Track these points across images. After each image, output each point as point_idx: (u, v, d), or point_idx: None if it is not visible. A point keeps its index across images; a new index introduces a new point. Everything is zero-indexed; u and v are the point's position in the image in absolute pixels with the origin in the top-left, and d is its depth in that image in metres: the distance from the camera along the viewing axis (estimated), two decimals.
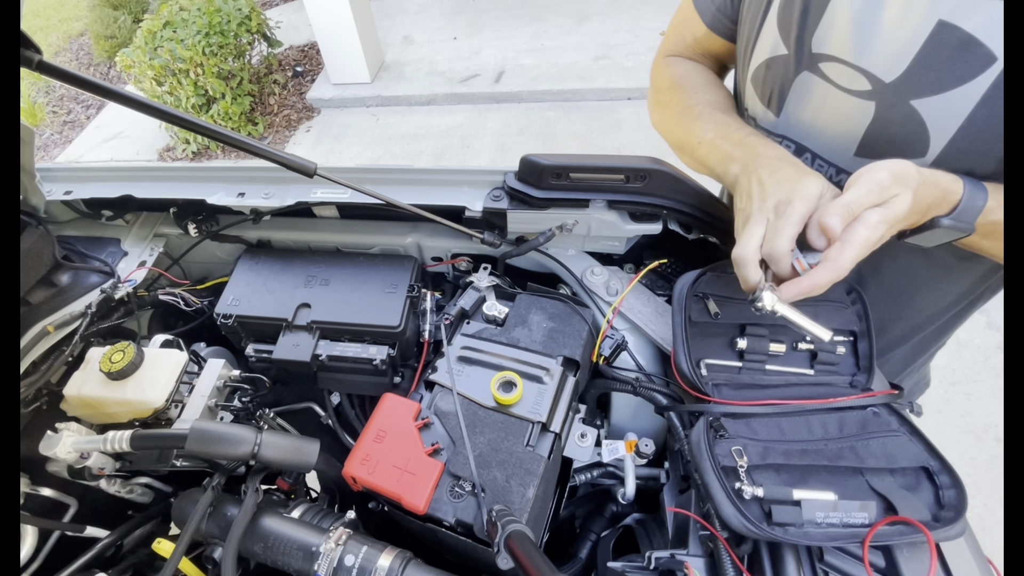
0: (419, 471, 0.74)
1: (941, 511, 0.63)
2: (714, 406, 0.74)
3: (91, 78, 0.59)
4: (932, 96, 0.66)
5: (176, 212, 1.07)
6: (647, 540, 0.86)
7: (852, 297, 0.81)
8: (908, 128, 0.69)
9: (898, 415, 0.73)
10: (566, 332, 0.89)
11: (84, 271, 1.01)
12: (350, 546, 0.70)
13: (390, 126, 4.26)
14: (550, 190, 0.89)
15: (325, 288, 0.97)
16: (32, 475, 0.89)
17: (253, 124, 4.27)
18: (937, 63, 0.64)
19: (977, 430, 2.17)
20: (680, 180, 0.86)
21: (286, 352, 0.91)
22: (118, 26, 5.23)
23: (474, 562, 0.78)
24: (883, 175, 0.58)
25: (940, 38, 0.63)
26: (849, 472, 0.67)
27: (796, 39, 0.75)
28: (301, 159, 0.69)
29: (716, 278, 0.83)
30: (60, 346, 0.94)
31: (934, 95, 0.66)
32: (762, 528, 0.61)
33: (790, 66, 0.77)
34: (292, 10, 5.40)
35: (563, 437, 0.83)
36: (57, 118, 5.02)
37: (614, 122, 3.89)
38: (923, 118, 0.68)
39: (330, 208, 1.08)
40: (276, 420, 0.96)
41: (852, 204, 0.58)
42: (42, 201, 1.02)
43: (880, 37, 0.67)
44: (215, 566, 0.73)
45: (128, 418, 0.86)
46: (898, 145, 0.71)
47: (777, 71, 0.79)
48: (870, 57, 0.69)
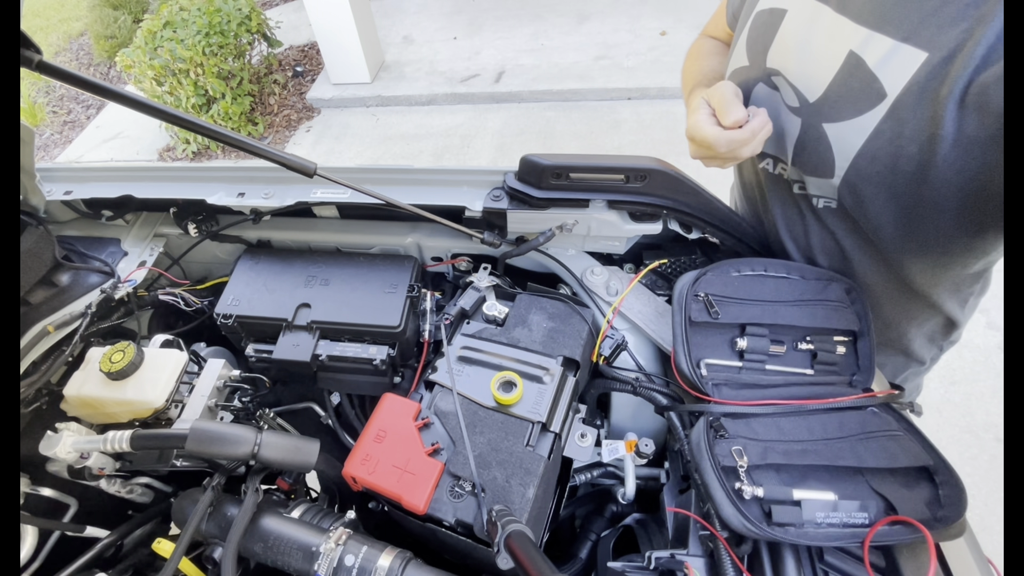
0: (419, 471, 0.74)
1: (941, 511, 0.63)
2: (714, 406, 0.74)
3: (91, 78, 0.59)
4: (836, 123, 0.72)
5: (176, 212, 1.07)
6: (647, 540, 0.86)
7: (852, 297, 0.82)
8: (819, 148, 0.75)
9: (898, 415, 0.73)
10: (566, 332, 0.89)
11: (84, 271, 1.00)
12: (350, 546, 0.70)
13: (390, 126, 4.25)
14: (550, 190, 0.89)
15: (325, 288, 0.97)
16: (32, 475, 0.88)
17: (253, 124, 4.27)
18: (844, 92, 0.70)
19: (977, 430, 2.17)
20: (680, 180, 0.86)
21: (286, 352, 0.91)
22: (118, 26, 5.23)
23: (474, 562, 0.78)
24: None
25: (849, 68, 0.69)
26: (849, 472, 0.67)
27: (756, 53, 0.82)
28: (301, 159, 0.69)
29: (716, 278, 0.83)
30: (60, 346, 0.94)
31: (837, 122, 0.71)
32: (762, 528, 0.61)
33: (750, 76, 0.84)
34: (292, 10, 5.40)
35: (563, 437, 0.82)
36: (57, 118, 5.02)
37: (614, 122, 3.88)
38: (829, 141, 0.73)
39: (330, 208, 1.08)
40: (276, 420, 0.96)
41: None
42: (42, 201, 1.02)
43: (810, 58, 0.73)
44: (215, 566, 0.73)
45: (128, 418, 0.86)
46: (813, 163, 0.77)
47: (741, 79, 0.86)
48: (802, 77, 0.75)
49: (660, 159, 0.86)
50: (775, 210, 0.91)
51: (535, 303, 0.94)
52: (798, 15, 0.75)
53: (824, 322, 0.79)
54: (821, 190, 0.80)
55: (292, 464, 0.75)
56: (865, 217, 0.76)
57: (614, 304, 0.91)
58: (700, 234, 0.96)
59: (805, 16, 0.74)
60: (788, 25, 0.76)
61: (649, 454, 0.83)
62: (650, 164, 0.85)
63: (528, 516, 0.70)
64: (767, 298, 0.81)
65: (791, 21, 0.76)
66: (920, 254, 0.77)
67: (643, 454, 0.83)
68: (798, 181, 0.84)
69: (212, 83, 3.85)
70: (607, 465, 0.89)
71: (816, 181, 0.80)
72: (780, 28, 0.77)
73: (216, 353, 1.06)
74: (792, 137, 0.79)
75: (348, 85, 4.49)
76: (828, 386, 0.77)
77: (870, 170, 0.71)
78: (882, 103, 0.66)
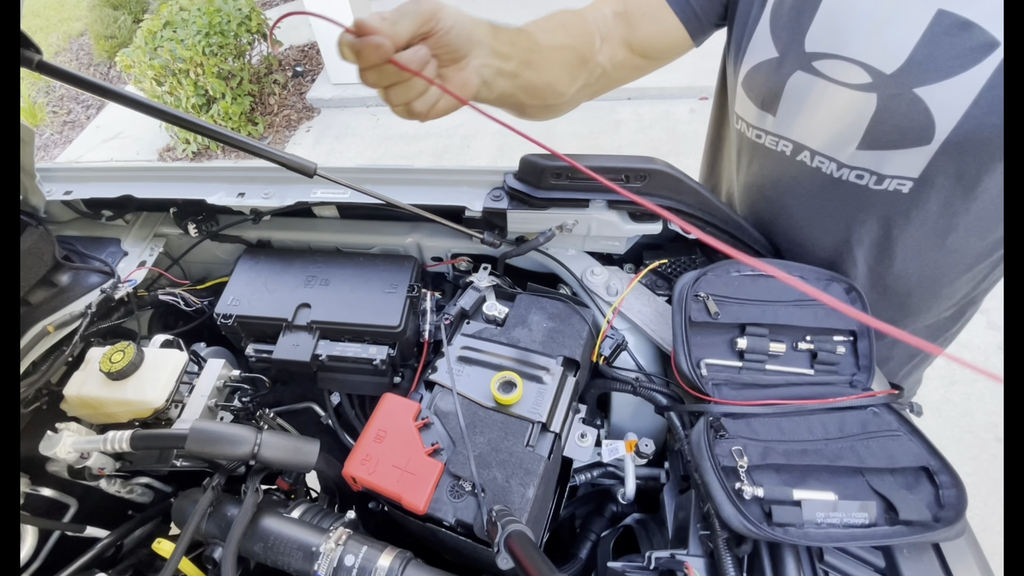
0: (419, 471, 0.74)
1: (941, 511, 0.63)
2: (714, 406, 0.74)
3: (91, 78, 0.59)
4: (936, 83, 0.66)
5: (176, 212, 1.07)
6: (647, 540, 0.86)
7: (852, 296, 0.81)
8: (913, 116, 0.69)
9: (898, 415, 0.73)
10: (566, 332, 0.89)
11: (84, 271, 1.01)
12: (350, 546, 0.70)
13: (390, 126, 4.25)
14: (550, 190, 0.89)
15: (325, 288, 0.97)
16: (32, 475, 0.88)
17: (253, 124, 4.27)
18: (939, 51, 0.65)
19: (977, 430, 2.17)
20: (680, 180, 0.86)
21: (286, 352, 0.91)
22: (118, 26, 5.23)
23: (474, 562, 0.78)
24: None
25: (940, 26, 0.64)
26: (849, 472, 0.67)
27: (788, 40, 0.76)
28: (301, 159, 0.69)
29: (716, 278, 0.83)
30: (60, 346, 0.94)
31: (938, 82, 0.66)
32: (762, 528, 0.61)
33: (782, 68, 0.78)
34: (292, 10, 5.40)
35: (563, 437, 0.82)
36: (57, 118, 5.02)
37: (614, 122, 3.88)
38: (927, 105, 0.68)
39: (330, 208, 1.07)
40: (276, 420, 0.96)
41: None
42: (42, 201, 1.02)
43: (876, 30, 0.68)
44: (215, 566, 0.73)
45: (128, 418, 0.86)
46: (903, 133, 0.71)
47: (769, 74, 0.80)
48: (868, 50, 0.70)
49: (660, 159, 0.86)
50: (805, 203, 0.87)
51: (535, 303, 0.94)
52: None
53: (824, 322, 0.79)
54: (903, 168, 0.74)
55: (292, 464, 0.75)
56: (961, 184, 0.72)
57: (614, 304, 0.91)
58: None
59: None
60: (832, 2, 0.71)
61: (649, 454, 0.83)
62: (650, 164, 0.85)
63: (528, 516, 0.70)
64: (767, 298, 0.81)
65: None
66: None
67: (643, 454, 0.83)
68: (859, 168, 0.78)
69: (212, 83, 3.85)
70: (607, 465, 0.89)
71: (902, 156, 0.73)
72: (821, 7, 0.72)
73: (216, 353, 1.06)
74: (865, 116, 0.73)
75: (348, 85, 4.49)
76: (828, 386, 0.77)
77: (983, 124, 0.66)
78: (994, 52, 0.62)
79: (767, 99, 0.82)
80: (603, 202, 0.91)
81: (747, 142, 0.91)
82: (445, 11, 0.61)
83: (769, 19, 0.78)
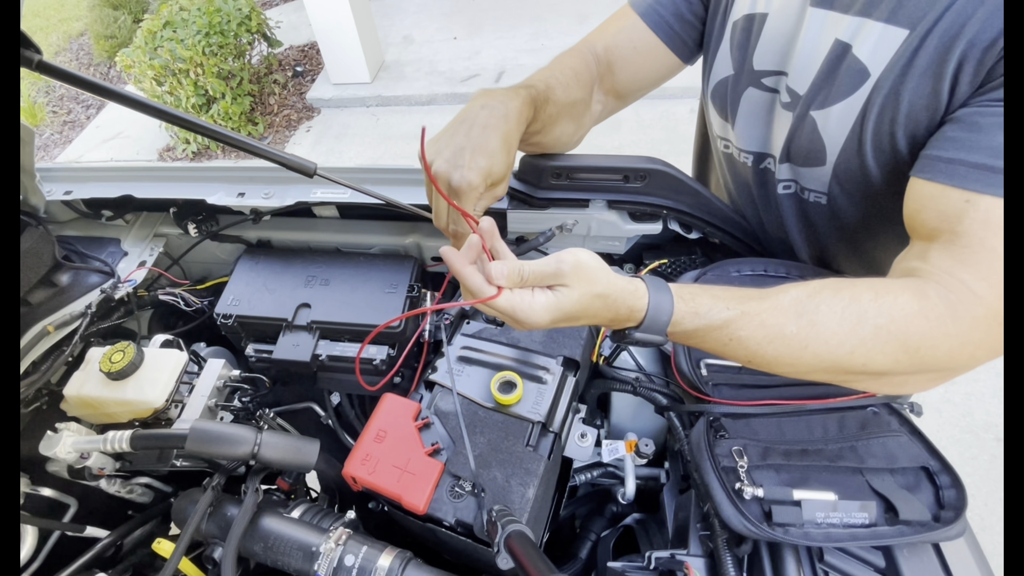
0: (419, 471, 0.74)
1: (941, 511, 0.63)
2: (714, 406, 0.74)
3: (91, 78, 0.59)
4: (825, 108, 0.71)
5: (176, 212, 1.07)
6: (647, 540, 0.86)
7: None
8: (811, 138, 0.74)
9: (898, 415, 0.73)
10: (566, 332, 0.89)
11: (84, 271, 1.01)
12: (350, 546, 0.70)
13: (390, 126, 4.25)
14: (550, 190, 0.89)
15: (325, 288, 0.97)
16: (32, 475, 0.88)
17: (253, 124, 4.27)
18: (830, 78, 0.70)
19: (977, 430, 2.17)
20: (680, 180, 0.86)
21: (286, 352, 0.91)
22: (118, 26, 5.23)
23: (474, 562, 0.78)
24: (567, 266, 0.56)
25: (835, 55, 0.69)
26: (849, 472, 0.67)
27: (741, 59, 0.81)
28: (301, 159, 0.69)
29: (716, 278, 0.83)
30: (60, 346, 0.94)
31: (826, 108, 0.71)
32: (762, 528, 0.61)
33: (738, 84, 0.83)
34: (292, 10, 5.40)
35: (563, 437, 0.82)
36: (57, 118, 5.01)
37: (614, 122, 3.87)
38: (819, 129, 0.73)
39: (330, 208, 1.07)
40: (276, 420, 0.96)
41: (524, 271, 0.56)
42: (42, 201, 1.02)
43: (798, 52, 0.73)
44: (215, 566, 0.73)
45: (128, 418, 0.86)
46: (805, 153, 0.77)
47: (727, 89, 0.85)
48: (792, 71, 0.75)
49: (660, 159, 0.86)
50: (771, 211, 0.91)
51: None
52: (782, 14, 0.75)
53: None
54: (813, 183, 0.80)
55: (292, 464, 0.75)
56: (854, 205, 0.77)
57: None
58: (700, 234, 0.96)
59: (790, 14, 0.74)
60: (772, 25, 0.76)
61: (649, 454, 0.83)
62: (650, 164, 0.85)
63: (528, 516, 0.70)
64: None
65: (775, 21, 0.76)
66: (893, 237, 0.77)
67: (643, 454, 0.83)
68: (788, 180, 0.84)
69: (212, 83, 3.85)
70: (607, 465, 0.89)
71: (809, 173, 0.79)
72: (764, 30, 0.77)
73: (216, 353, 1.06)
74: (784, 131, 0.79)
75: (348, 85, 4.49)
76: (828, 386, 0.76)
77: (861, 150, 0.70)
78: (866, 83, 0.67)
79: (727, 112, 0.86)
80: (603, 202, 0.91)
81: (720, 152, 0.96)
82: None
83: (728, 39, 0.83)
